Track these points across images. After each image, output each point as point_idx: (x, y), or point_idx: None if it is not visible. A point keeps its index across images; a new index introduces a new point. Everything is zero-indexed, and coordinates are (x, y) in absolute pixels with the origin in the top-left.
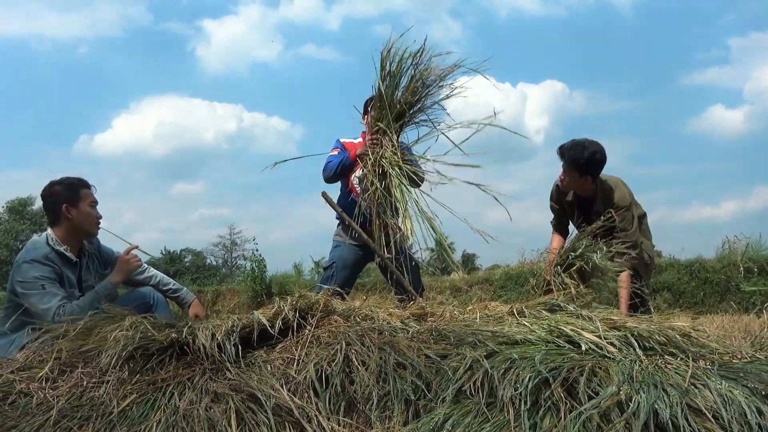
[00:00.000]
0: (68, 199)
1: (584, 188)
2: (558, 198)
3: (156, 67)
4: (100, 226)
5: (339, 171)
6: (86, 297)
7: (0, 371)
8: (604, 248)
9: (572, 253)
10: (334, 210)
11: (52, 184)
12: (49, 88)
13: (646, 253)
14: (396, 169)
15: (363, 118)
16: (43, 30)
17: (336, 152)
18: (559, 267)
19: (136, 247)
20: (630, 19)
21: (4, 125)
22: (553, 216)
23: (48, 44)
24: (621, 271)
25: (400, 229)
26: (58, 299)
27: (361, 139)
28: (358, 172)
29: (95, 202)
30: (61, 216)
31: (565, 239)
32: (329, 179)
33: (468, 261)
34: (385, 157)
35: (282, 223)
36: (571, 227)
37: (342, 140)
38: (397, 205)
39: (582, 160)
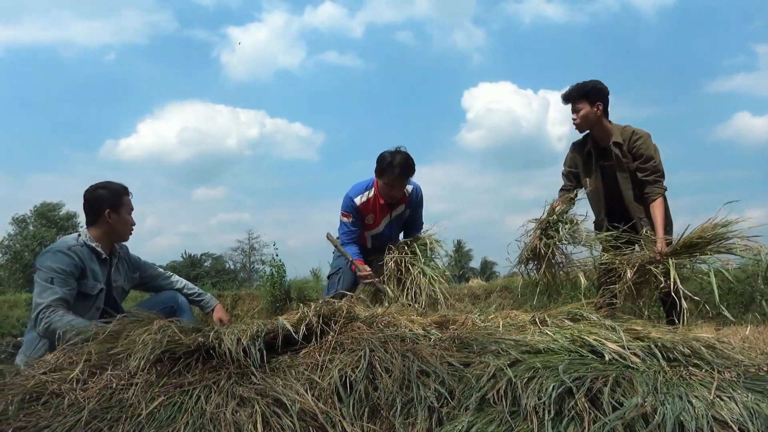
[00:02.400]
0: (112, 205)
1: (600, 125)
2: (573, 158)
3: (180, 73)
4: (132, 232)
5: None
6: (80, 321)
7: (33, 372)
8: (576, 220)
9: (551, 218)
10: (338, 249)
11: (96, 187)
12: (77, 94)
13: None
14: None
15: (376, 174)
16: (71, 37)
17: (349, 220)
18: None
19: None
20: (654, 26)
21: (33, 130)
22: (563, 184)
23: (76, 51)
24: (654, 199)
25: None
26: (52, 298)
27: (374, 191)
28: (374, 231)
29: (132, 209)
30: (102, 219)
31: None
32: None
33: (486, 268)
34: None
35: (301, 228)
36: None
37: (355, 201)
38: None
39: (587, 87)
